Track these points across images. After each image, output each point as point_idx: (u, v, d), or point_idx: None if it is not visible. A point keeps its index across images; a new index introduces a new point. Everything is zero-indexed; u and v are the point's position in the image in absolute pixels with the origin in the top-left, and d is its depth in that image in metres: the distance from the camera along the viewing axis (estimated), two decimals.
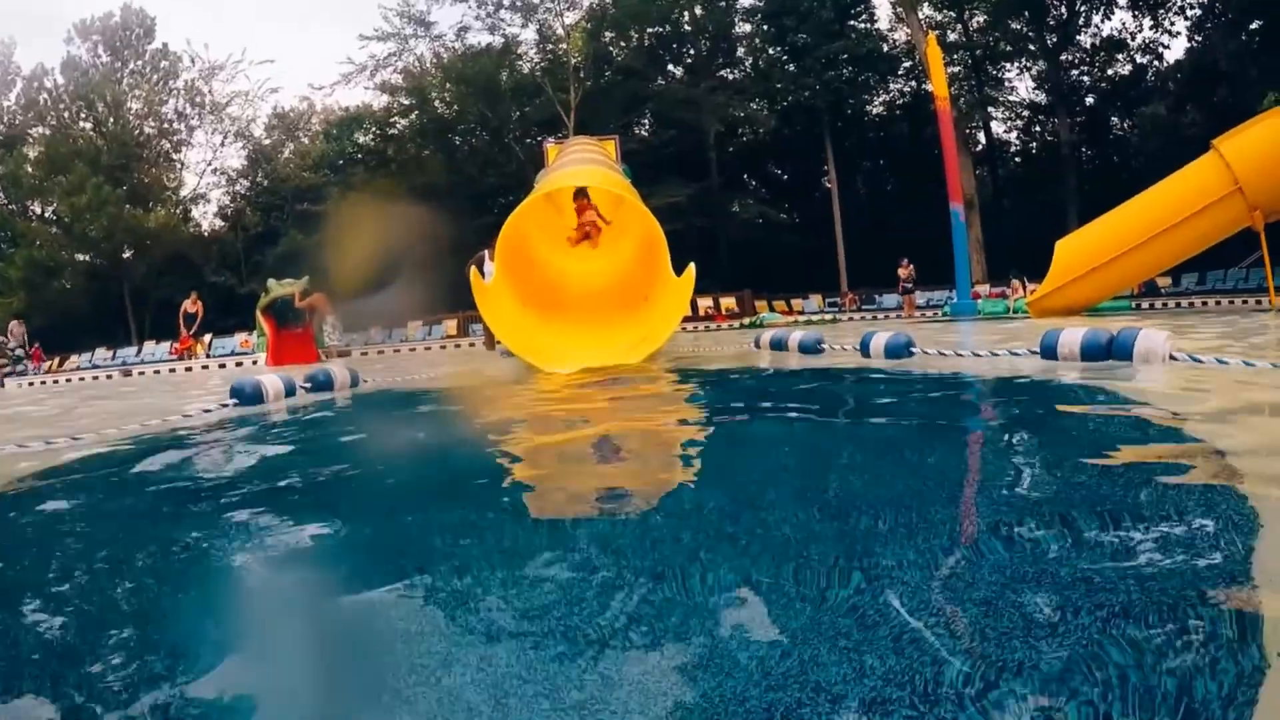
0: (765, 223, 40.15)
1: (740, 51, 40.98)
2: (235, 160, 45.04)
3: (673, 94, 37.92)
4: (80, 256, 39.21)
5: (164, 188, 42.13)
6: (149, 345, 31.87)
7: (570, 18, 38.15)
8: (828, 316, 26.35)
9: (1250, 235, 13.38)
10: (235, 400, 5.65)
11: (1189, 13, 33.22)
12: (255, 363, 17.89)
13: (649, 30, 38.76)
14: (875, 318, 24.00)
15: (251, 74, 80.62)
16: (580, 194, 10.15)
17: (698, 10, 39.41)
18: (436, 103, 39.93)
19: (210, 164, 44.87)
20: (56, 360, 29.39)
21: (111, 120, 40.34)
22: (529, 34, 38.89)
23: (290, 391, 6.14)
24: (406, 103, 40.37)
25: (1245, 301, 18.69)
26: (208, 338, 26.05)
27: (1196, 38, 33.16)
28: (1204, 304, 19.93)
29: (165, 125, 42.74)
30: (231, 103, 43.31)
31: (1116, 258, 13.88)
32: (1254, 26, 29.11)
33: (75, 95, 40.51)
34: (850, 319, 24.82)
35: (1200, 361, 4.20)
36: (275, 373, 7.05)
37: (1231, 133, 13.48)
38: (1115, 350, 4.62)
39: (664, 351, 8.80)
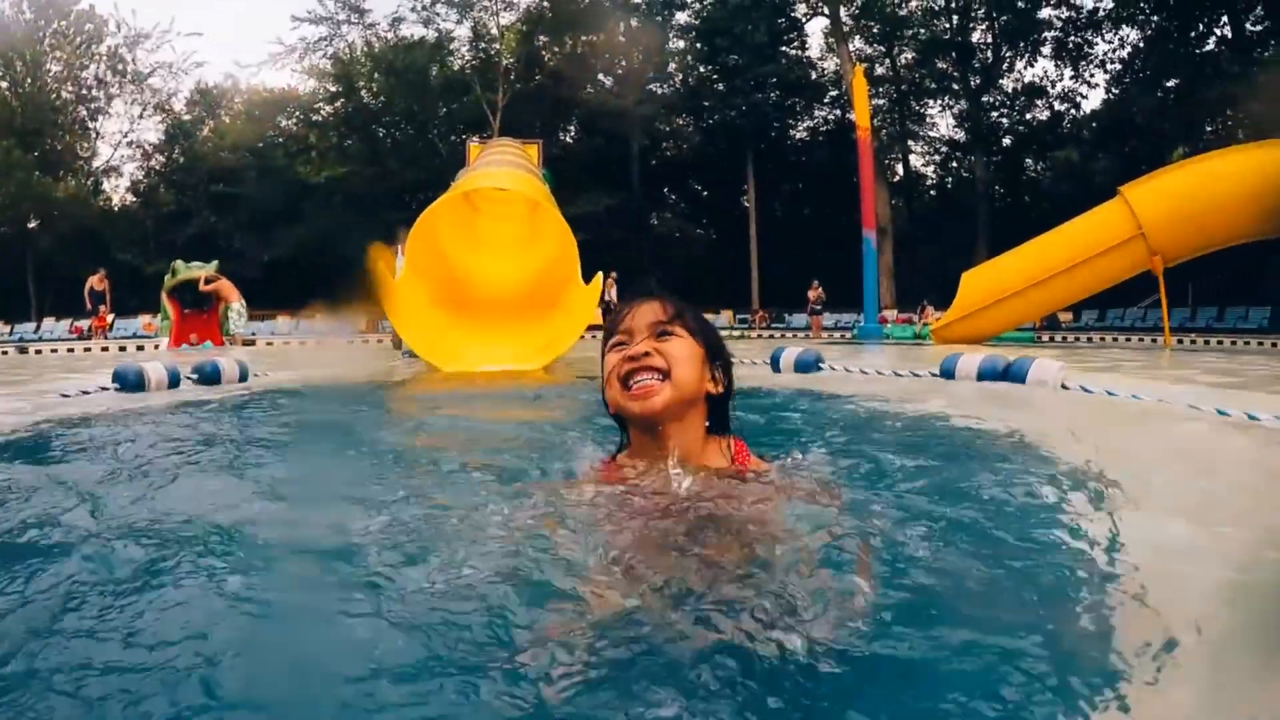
0: (682, 237, 40.35)
1: (671, 67, 41.22)
2: (152, 134, 43.09)
3: (601, 103, 37.93)
4: None
5: (77, 157, 40.20)
6: (48, 322, 30.22)
7: (506, 18, 37.91)
8: (737, 333, 26.67)
9: (1150, 276, 13.89)
10: (117, 386, 5.21)
11: (1109, 66, 34.93)
12: (157, 347, 17.00)
13: (583, 38, 38.70)
14: (784, 336, 24.33)
15: (177, 45, 78.15)
16: None
17: (634, 22, 39.54)
18: (364, 92, 39.10)
19: (126, 136, 42.94)
20: None
21: (29, 81, 38.19)
22: (463, 30, 38.65)
23: (175, 383, 5.69)
24: (333, 89, 39.45)
25: (1141, 339, 19.53)
26: (110, 318, 24.75)
27: (1114, 90, 34.77)
28: (1102, 339, 20.70)
29: (84, 91, 40.76)
30: (154, 73, 41.71)
31: (1020, 291, 14.27)
32: (1170, 84, 30.67)
33: None
34: (759, 335, 25.27)
35: (1090, 392, 4.23)
36: (162, 362, 6.58)
37: (1138, 181, 14.00)
38: (1010, 376, 4.64)
39: (570, 360, 8.56)
